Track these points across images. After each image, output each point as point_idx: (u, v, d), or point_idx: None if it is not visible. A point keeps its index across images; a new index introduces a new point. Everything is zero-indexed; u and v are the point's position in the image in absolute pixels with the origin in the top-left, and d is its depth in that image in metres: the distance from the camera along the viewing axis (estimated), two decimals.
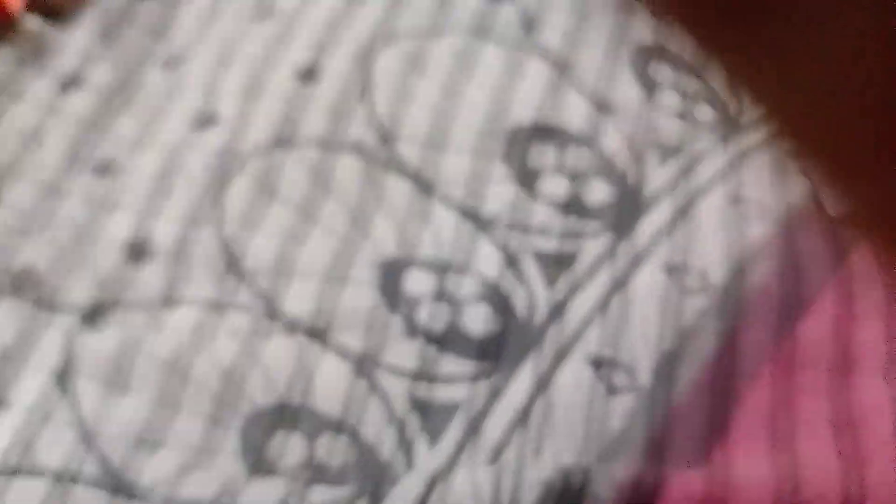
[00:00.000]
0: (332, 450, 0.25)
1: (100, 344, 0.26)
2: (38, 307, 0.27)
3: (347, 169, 0.30)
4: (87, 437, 0.25)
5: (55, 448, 0.25)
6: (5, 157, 0.30)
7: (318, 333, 0.27)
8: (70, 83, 0.32)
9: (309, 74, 0.32)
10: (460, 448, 0.25)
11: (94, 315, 0.27)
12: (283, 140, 0.31)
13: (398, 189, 0.30)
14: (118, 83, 0.33)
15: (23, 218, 0.29)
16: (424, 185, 0.30)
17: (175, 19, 0.35)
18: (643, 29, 0.37)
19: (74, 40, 0.34)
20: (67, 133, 0.31)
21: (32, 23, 0.34)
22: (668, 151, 0.33)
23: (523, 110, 0.33)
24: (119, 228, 0.29)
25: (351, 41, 0.34)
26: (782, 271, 0.30)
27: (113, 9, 0.35)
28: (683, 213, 0.31)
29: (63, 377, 0.26)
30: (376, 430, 0.26)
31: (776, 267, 0.30)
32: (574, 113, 0.33)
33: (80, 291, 0.27)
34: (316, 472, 0.25)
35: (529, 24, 0.35)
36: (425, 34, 0.34)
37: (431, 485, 0.25)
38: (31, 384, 0.26)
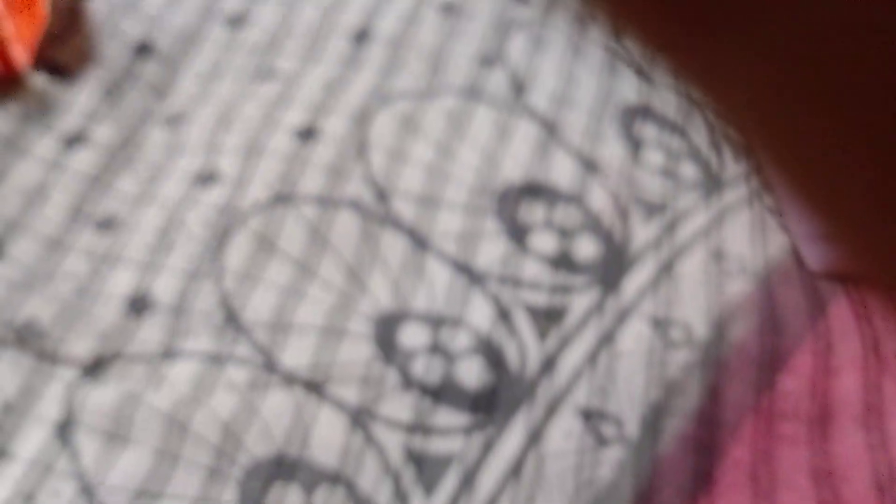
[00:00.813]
0: (328, 501, 0.26)
1: (101, 397, 0.27)
2: (40, 360, 0.28)
3: (344, 225, 0.31)
4: (88, 489, 0.25)
5: (56, 500, 0.25)
6: (10, 212, 0.31)
7: (315, 386, 0.28)
8: (74, 140, 0.33)
9: (307, 134, 0.34)
10: (455, 500, 0.26)
11: (95, 368, 0.28)
12: (282, 197, 0.32)
13: (394, 245, 0.31)
14: (121, 141, 0.34)
15: (26, 272, 0.30)
16: (419, 241, 0.31)
17: (176, 79, 0.37)
18: (628, 89, 0.39)
19: (79, 98, 0.34)
20: (71, 189, 0.32)
21: (38, 80, 0.34)
22: (653, 209, 0.34)
23: (513, 169, 0.34)
24: (120, 283, 0.30)
25: (348, 103, 0.35)
26: (762, 326, 0.31)
27: (117, 68, 0.36)
28: (667, 269, 0.33)
29: (64, 429, 0.26)
30: (372, 481, 0.26)
31: (756, 322, 0.31)
32: (562, 171, 0.34)
33: (81, 344, 0.28)
34: None
35: (519, 87, 0.37)
36: (419, 96, 0.36)
37: None
38: (33, 436, 0.26)
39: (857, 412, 0.30)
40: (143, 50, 0.37)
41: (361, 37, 0.38)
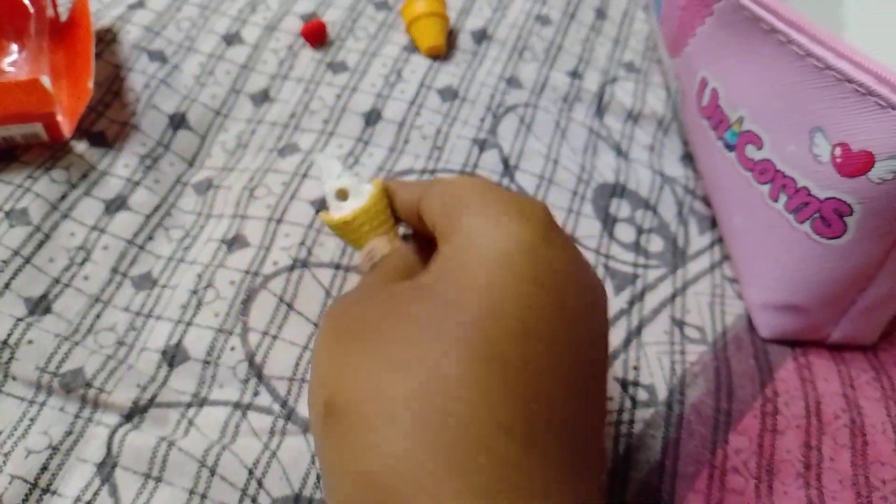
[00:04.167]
0: None
1: (138, 441, 0.30)
2: (84, 406, 0.31)
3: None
4: None
5: None
6: (56, 270, 0.34)
7: None
8: (114, 204, 0.37)
9: (323, 205, 0.37)
10: None
11: (133, 414, 0.31)
12: (300, 262, 0.36)
13: None
14: (156, 205, 0.37)
15: (71, 326, 0.33)
16: None
17: (206, 149, 0.40)
18: (606, 168, 0.43)
19: (118, 164, 0.38)
20: (110, 250, 0.35)
21: (81, 147, 0.38)
22: (625, 281, 0.39)
23: None
24: (156, 336, 0.33)
25: (361, 176, 0.39)
26: (717, 389, 0.35)
27: (152, 138, 0.39)
28: (636, 335, 0.37)
29: (105, 469, 0.30)
30: None
31: (713, 385, 0.35)
32: None
33: (121, 392, 0.31)
34: None
35: (508, 167, 0.41)
36: (422, 173, 0.40)
37: None
38: (77, 476, 0.29)
39: (798, 470, 0.33)
40: (176, 122, 0.40)
41: (372, 117, 0.42)
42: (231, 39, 0.44)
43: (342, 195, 0.30)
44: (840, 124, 0.31)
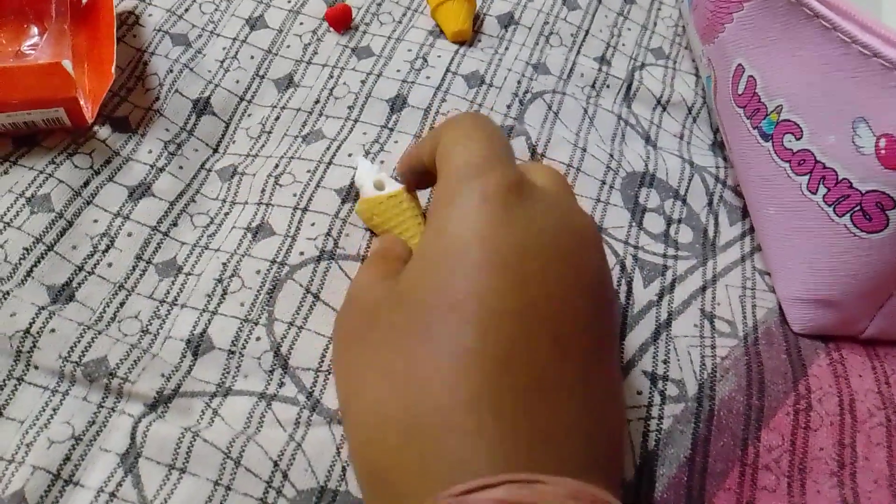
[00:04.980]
0: None
1: (162, 431, 0.30)
2: (107, 395, 0.31)
3: None
4: None
5: None
6: (79, 257, 0.34)
7: None
8: (138, 190, 0.36)
9: (349, 194, 0.37)
10: None
11: (157, 404, 0.31)
12: (326, 252, 0.35)
13: None
14: (180, 192, 0.37)
15: (94, 314, 0.33)
16: None
17: (230, 135, 0.40)
18: (635, 157, 0.42)
19: (142, 150, 0.38)
20: (134, 237, 0.35)
21: (104, 132, 0.38)
22: (654, 272, 0.38)
23: None
24: (180, 325, 0.33)
25: (386, 166, 0.38)
26: (749, 385, 0.35)
27: (176, 123, 0.39)
28: (665, 327, 0.36)
29: (128, 459, 0.29)
30: None
31: (744, 381, 0.35)
32: None
33: (145, 382, 0.31)
34: None
35: (535, 154, 0.40)
36: None
37: None
38: (99, 466, 0.29)
39: (832, 468, 0.33)
40: (200, 107, 0.40)
41: (397, 103, 0.41)
42: (255, 23, 0.44)
43: (379, 185, 0.35)
44: (886, 114, 0.30)
